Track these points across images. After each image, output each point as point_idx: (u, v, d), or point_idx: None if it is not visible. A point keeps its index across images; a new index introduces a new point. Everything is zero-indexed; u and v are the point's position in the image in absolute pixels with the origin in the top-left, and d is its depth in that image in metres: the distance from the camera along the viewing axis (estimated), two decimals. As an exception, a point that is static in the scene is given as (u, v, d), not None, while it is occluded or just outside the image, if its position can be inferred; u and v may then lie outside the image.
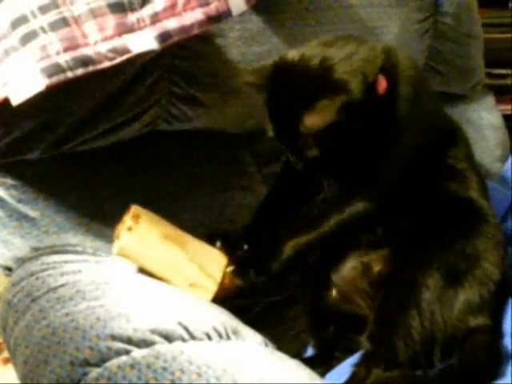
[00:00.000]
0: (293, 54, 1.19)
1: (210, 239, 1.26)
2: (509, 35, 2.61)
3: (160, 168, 1.43)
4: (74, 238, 1.30)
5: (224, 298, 1.21)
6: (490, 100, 1.97)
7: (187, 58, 1.37)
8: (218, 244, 1.25)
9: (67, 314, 1.05)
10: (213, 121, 1.46)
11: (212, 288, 1.20)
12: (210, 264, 1.21)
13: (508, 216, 1.61)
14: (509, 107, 2.50)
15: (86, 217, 1.32)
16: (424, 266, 1.20)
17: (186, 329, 1.01)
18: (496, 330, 1.22)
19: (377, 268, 1.25)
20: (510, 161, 1.79)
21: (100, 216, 1.32)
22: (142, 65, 1.31)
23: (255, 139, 1.54)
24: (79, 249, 1.28)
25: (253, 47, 1.44)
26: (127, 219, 1.19)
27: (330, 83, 1.12)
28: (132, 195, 1.35)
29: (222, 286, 1.20)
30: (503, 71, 2.60)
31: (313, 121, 1.10)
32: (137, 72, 1.32)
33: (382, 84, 1.16)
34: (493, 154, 1.85)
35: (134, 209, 1.21)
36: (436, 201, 1.25)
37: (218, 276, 1.20)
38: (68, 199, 1.32)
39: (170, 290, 1.17)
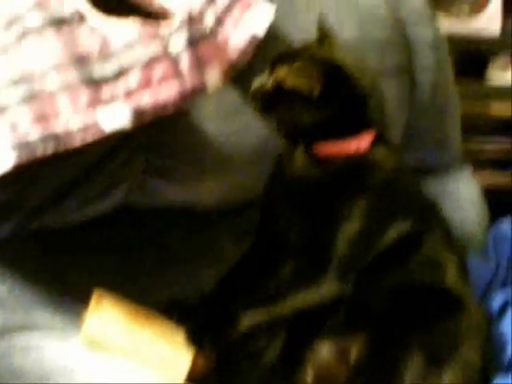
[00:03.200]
0: None
1: (166, 312, 1.23)
2: (484, 105, 2.65)
3: (132, 245, 1.39)
4: (42, 316, 1.25)
5: (201, 375, 1.17)
6: (468, 172, 1.95)
7: (162, 131, 1.35)
8: (175, 317, 1.22)
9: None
10: (188, 196, 1.44)
11: (186, 361, 1.16)
12: (181, 338, 1.18)
13: (490, 290, 1.59)
14: (485, 177, 2.52)
15: (55, 295, 1.28)
16: (404, 348, 1.17)
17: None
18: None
19: (355, 353, 1.21)
20: (491, 232, 1.77)
21: (69, 295, 1.28)
22: (117, 139, 1.29)
23: (231, 213, 1.51)
24: (47, 326, 1.24)
25: (230, 121, 1.42)
26: (90, 303, 1.19)
27: None
28: (103, 273, 1.32)
29: (196, 360, 1.17)
30: (480, 141, 2.63)
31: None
32: (111, 146, 1.29)
33: None
34: (472, 226, 1.83)
35: (97, 293, 1.20)
36: (410, 289, 1.22)
37: (192, 349, 1.17)
38: (36, 277, 1.28)
39: (141, 376, 1.13)
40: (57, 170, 1.25)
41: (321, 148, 1.24)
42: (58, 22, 1.16)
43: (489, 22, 2.58)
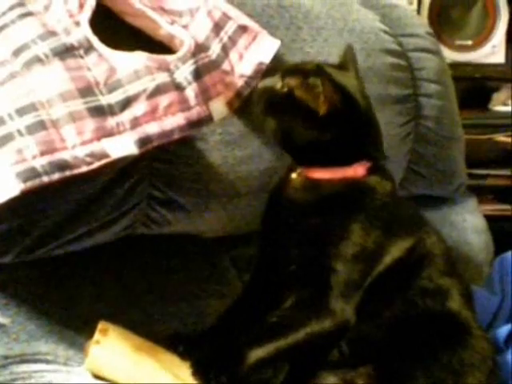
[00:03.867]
0: None
1: (171, 344, 1.22)
2: (487, 136, 2.65)
3: (136, 274, 1.39)
4: (45, 346, 1.24)
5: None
6: (472, 202, 1.95)
7: (167, 161, 1.36)
8: (181, 349, 1.21)
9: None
10: (192, 225, 1.43)
11: None
12: (186, 373, 1.15)
13: (495, 323, 1.58)
14: (488, 207, 2.52)
15: (59, 324, 1.26)
16: (410, 381, 1.15)
17: None
18: None
19: None
20: (496, 265, 1.76)
21: (73, 324, 1.27)
22: (122, 167, 1.29)
23: (235, 244, 1.51)
24: (50, 358, 1.23)
25: (234, 151, 1.42)
26: (95, 334, 1.18)
27: None
28: (106, 302, 1.31)
29: None
30: (483, 171, 2.63)
31: None
32: (116, 175, 1.29)
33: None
34: (477, 258, 1.82)
35: (102, 324, 1.19)
36: (412, 318, 1.22)
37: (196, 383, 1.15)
38: (40, 305, 1.27)
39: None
40: (63, 199, 1.25)
41: (316, 172, 1.25)
42: (66, 50, 1.17)
43: (492, 53, 2.59)
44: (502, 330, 1.47)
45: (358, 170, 1.25)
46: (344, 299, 1.19)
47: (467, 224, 1.87)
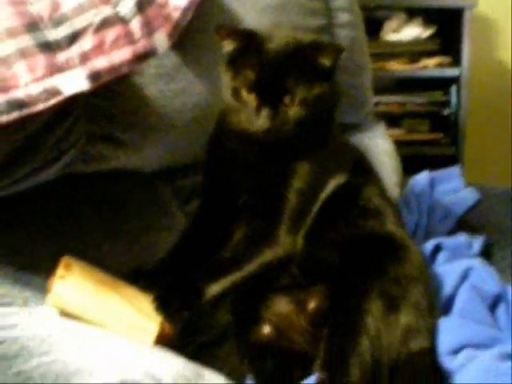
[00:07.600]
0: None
1: (132, 278, 1.23)
2: (379, 64, 2.74)
3: (79, 212, 1.38)
4: (0, 288, 1.20)
5: (166, 343, 1.17)
6: (381, 128, 2.03)
7: (105, 96, 1.34)
8: (142, 283, 1.22)
9: (19, 373, 0.97)
10: (131, 160, 1.44)
11: (153, 329, 1.16)
12: (148, 307, 1.17)
13: (414, 240, 1.65)
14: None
15: (11, 266, 1.23)
16: (365, 294, 1.21)
17: (153, 377, 0.97)
18: (434, 352, 1.25)
19: (312, 304, 1.26)
20: (411, 186, 1.85)
21: (26, 264, 1.24)
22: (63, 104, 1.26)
23: (175, 176, 1.53)
24: (7, 300, 1.19)
25: (170, 84, 1.43)
26: (59, 269, 1.16)
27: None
28: (57, 240, 1.30)
29: (163, 328, 1.17)
30: (375, 98, 2.71)
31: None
32: (55, 113, 1.26)
33: None
34: (391, 180, 1.90)
35: (66, 259, 1.18)
36: (357, 238, 1.28)
37: (159, 318, 1.17)
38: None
39: (114, 338, 1.12)
40: (2, 140, 1.20)
41: None
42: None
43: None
44: (427, 246, 1.55)
45: None
46: (293, 229, 1.24)
47: (380, 148, 1.95)
